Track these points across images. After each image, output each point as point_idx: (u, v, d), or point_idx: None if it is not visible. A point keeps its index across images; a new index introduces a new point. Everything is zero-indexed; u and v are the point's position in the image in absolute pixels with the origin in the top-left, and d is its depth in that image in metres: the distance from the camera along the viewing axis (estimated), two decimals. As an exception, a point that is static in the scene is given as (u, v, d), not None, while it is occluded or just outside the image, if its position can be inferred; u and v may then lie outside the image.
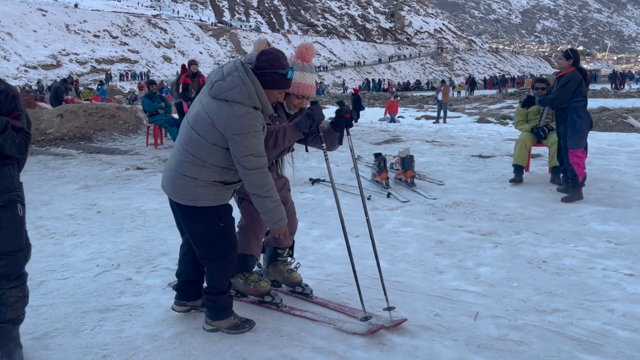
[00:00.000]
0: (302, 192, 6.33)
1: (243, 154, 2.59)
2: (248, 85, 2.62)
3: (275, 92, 2.76)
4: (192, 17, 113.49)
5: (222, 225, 2.77)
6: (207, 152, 2.66)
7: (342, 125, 3.03)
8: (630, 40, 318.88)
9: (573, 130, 5.63)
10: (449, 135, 11.95)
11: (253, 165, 2.61)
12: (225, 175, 2.74)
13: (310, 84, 3.01)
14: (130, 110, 12.98)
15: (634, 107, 18.97)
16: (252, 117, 2.61)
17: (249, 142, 2.58)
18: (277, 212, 2.73)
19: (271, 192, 2.69)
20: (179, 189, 2.75)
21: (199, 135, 2.67)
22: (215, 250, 2.80)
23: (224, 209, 2.80)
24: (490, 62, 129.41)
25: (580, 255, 4.01)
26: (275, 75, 2.69)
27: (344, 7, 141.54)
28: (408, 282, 3.64)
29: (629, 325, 2.92)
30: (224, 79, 2.66)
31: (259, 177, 2.64)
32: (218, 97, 2.64)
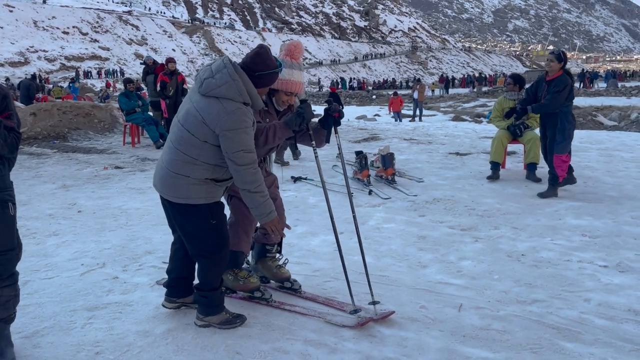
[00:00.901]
0: (285, 190, 6.36)
1: (234, 150, 2.63)
2: (237, 82, 2.66)
3: (266, 89, 2.85)
4: (165, 14, 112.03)
5: (214, 223, 2.81)
6: (198, 150, 2.70)
7: (330, 124, 3.10)
8: (599, 40, 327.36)
9: (563, 136, 5.65)
10: (426, 133, 12.13)
11: (244, 161, 2.65)
12: (216, 172, 2.78)
13: (298, 81, 3.06)
14: (105, 109, 12.80)
15: (602, 105, 19.55)
16: (243, 113, 2.65)
17: (240, 137, 2.62)
18: (266, 206, 2.78)
19: (261, 187, 2.73)
20: (171, 187, 2.78)
21: (189, 133, 2.70)
22: (208, 247, 2.84)
23: (216, 206, 2.84)
24: (464, 60, 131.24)
25: (557, 249, 4.16)
26: (272, 75, 2.77)
27: (319, 5, 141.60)
28: (393, 276, 3.73)
29: (604, 314, 3.07)
30: (213, 76, 2.69)
31: (250, 172, 2.68)
32: (208, 95, 2.67)
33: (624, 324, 2.94)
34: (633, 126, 14.71)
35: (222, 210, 2.89)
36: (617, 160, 7.91)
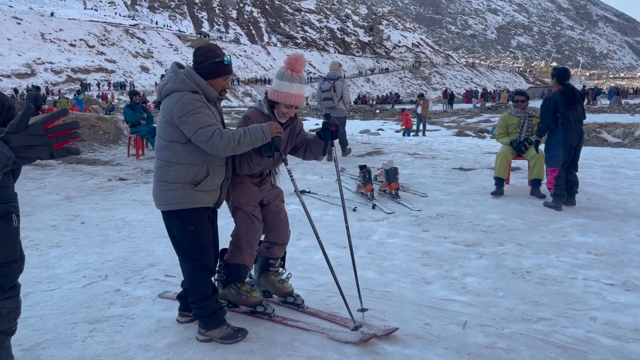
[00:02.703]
0: (288, 204, 6.33)
1: (194, 131, 2.74)
2: (180, 74, 2.83)
3: (219, 80, 2.89)
4: (171, 28, 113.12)
5: (191, 229, 2.85)
6: (168, 152, 2.83)
7: (328, 137, 3.15)
8: (602, 57, 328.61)
9: (548, 150, 6.09)
10: (429, 148, 12.13)
11: (207, 135, 2.73)
12: (191, 172, 2.82)
13: (297, 94, 3.07)
14: (110, 121, 12.87)
15: (606, 122, 19.56)
16: (190, 97, 2.77)
17: (194, 119, 2.73)
18: (254, 133, 2.84)
19: (237, 136, 2.80)
20: (156, 195, 2.91)
21: (160, 138, 2.88)
22: (187, 253, 2.90)
23: (194, 212, 2.86)
24: (467, 76, 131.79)
25: (562, 266, 4.13)
26: (212, 64, 2.86)
27: (324, 20, 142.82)
28: (397, 292, 3.69)
29: (611, 333, 3.03)
30: (163, 81, 2.92)
31: (217, 141, 2.75)
32: (163, 97, 2.87)
33: (631, 344, 2.90)
34: (637, 143, 14.69)
35: (202, 218, 2.89)
36: (621, 177, 7.89)
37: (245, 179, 3.14)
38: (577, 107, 6.04)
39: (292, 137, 3.27)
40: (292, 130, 3.25)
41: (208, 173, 2.85)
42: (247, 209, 3.10)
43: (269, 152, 2.93)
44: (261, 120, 3.07)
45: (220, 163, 2.92)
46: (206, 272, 2.92)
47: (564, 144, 5.91)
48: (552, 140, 6.01)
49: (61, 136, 1.55)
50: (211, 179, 2.87)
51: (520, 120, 6.72)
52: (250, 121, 3.06)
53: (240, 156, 3.01)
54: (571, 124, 5.96)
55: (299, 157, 3.37)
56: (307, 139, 3.29)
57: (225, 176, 2.99)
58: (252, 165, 3.03)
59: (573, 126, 5.98)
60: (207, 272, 2.92)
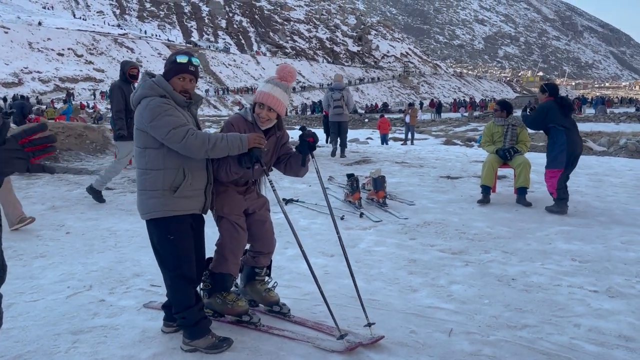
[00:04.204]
0: (276, 212, 6.34)
1: (165, 133, 2.74)
2: (147, 81, 2.88)
3: (175, 79, 2.89)
4: (160, 37, 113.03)
5: (171, 238, 2.84)
6: (143, 159, 2.84)
7: (306, 149, 3.14)
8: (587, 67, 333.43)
9: (548, 151, 6.22)
10: (417, 156, 12.19)
11: (179, 136, 2.74)
12: (167, 177, 2.82)
13: (277, 97, 3.07)
14: (97, 130, 12.78)
15: (592, 131, 19.82)
16: (158, 101, 2.80)
17: (164, 121, 2.75)
18: (232, 141, 2.83)
19: (213, 139, 2.80)
20: (138, 205, 2.92)
21: (136, 146, 2.89)
22: (166, 263, 2.89)
23: (174, 220, 2.85)
24: (455, 86, 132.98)
25: (547, 273, 4.16)
26: (169, 64, 2.91)
27: (313, 30, 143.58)
28: (384, 300, 3.70)
29: (595, 340, 3.05)
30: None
31: (191, 140, 2.75)
32: (135, 105, 2.89)
33: (615, 350, 2.92)
34: (622, 152, 14.89)
35: (183, 226, 2.88)
36: (606, 185, 7.99)
37: (229, 187, 3.14)
38: (571, 116, 6.23)
39: (277, 148, 3.27)
40: (277, 141, 3.26)
41: (185, 176, 2.84)
42: (231, 218, 3.09)
43: (249, 164, 2.91)
44: (244, 127, 3.08)
45: (198, 166, 2.91)
46: (187, 282, 2.90)
47: (568, 149, 6.04)
48: (555, 145, 6.11)
49: (38, 150, 1.55)
50: (189, 182, 2.85)
51: (503, 129, 6.80)
52: (232, 127, 3.07)
53: (218, 162, 3.01)
54: (573, 131, 6.13)
55: (279, 170, 3.36)
56: (290, 153, 3.29)
57: (208, 181, 2.98)
58: (229, 173, 3.02)
59: (575, 132, 6.17)
60: (187, 281, 2.90)
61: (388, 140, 21.33)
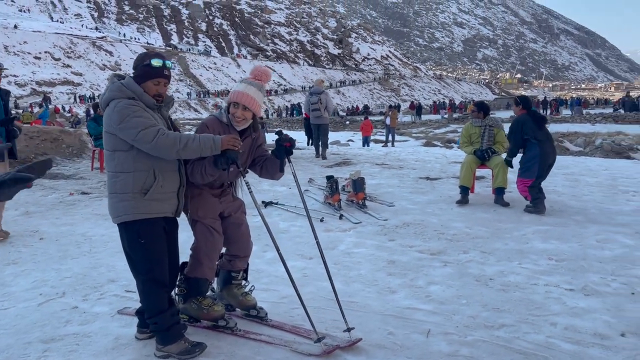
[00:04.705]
0: (255, 215, 6.29)
1: (135, 134, 2.70)
2: (115, 83, 2.83)
3: (149, 83, 2.84)
4: (139, 40, 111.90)
5: (142, 242, 2.79)
6: (113, 162, 2.80)
7: (283, 153, 3.11)
8: (564, 69, 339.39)
9: (524, 161, 6.34)
10: (397, 158, 12.24)
11: (149, 136, 2.69)
12: (138, 180, 2.77)
13: (250, 95, 3.03)
14: (74, 134, 12.56)
15: (568, 132, 20.15)
16: (126, 103, 2.75)
17: (133, 122, 2.70)
18: (204, 142, 2.78)
19: (184, 140, 2.75)
20: (109, 209, 2.88)
21: (105, 149, 2.85)
22: (137, 267, 2.84)
23: (146, 223, 2.80)
24: (435, 88, 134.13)
25: (524, 272, 4.19)
26: (142, 67, 2.84)
27: (293, 32, 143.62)
28: (362, 302, 3.68)
29: (571, 338, 3.07)
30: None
31: (162, 140, 2.70)
32: (103, 108, 2.84)
33: (590, 349, 2.95)
34: (597, 152, 15.15)
35: (155, 230, 2.83)
36: (582, 184, 8.11)
37: (204, 190, 3.09)
38: (545, 128, 6.32)
39: (253, 149, 3.23)
40: (253, 142, 3.22)
41: (156, 178, 2.78)
42: (206, 222, 3.04)
43: (225, 165, 2.86)
44: (218, 129, 3.04)
45: (170, 168, 2.86)
46: (159, 287, 2.84)
47: (541, 160, 6.15)
48: (528, 156, 6.25)
49: None
50: (160, 184, 2.80)
51: (481, 130, 6.86)
52: (206, 129, 3.03)
53: (192, 164, 2.96)
54: (546, 143, 6.25)
55: (255, 172, 3.33)
56: (266, 155, 3.25)
57: (180, 183, 2.92)
58: (205, 176, 2.97)
59: (549, 144, 6.28)
60: (159, 286, 2.84)
61: (369, 142, 21.39)
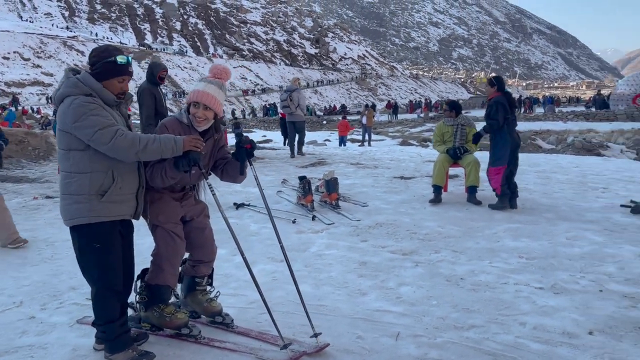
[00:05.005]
0: (226, 218, 6.18)
1: (91, 134, 2.57)
2: (71, 78, 2.67)
3: (114, 81, 2.71)
4: (112, 40, 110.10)
5: (97, 247, 2.66)
6: (68, 162, 2.65)
7: (244, 156, 3.02)
8: (537, 68, 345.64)
9: (495, 149, 6.27)
10: (372, 157, 12.23)
11: (107, 136, 2.57)
12: (95, 181, 2.64)
13: (209, 93, 2.92)
14: (40, 136, 12.22)
15: (541, 130, 20.45)
16: (83, 100, 2.61)
17: (89, 121, 2.57)
18: (165, 143, 2.68)
19: (144, 141, 2.63)
20: (61, 210, 2.72)
21: (59, 148, 2.70)
22: (91, 274, 2.72)
23: (102, 227, 2.67)
24: (412, 87, 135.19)
25: (495, 271, 4.17)
26: (104, 65, 2.68)
27: (270, 32, 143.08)
28: (332, 305, 3.61)
29: (539, 338, 3.05)
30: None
31: (120, 142, 2.58)
32: (57, 104, 2.69)
33: (559, 348, 2.93)
34: (569, 149, 15.39)
35: (111, 234, 2.71)
36: (553, 182, 8.18)
37: (164, 194, 2.98)
38: (514, 112, 6.35)
39: (215, 151, 3.13)
40: (215, 144, 3.12)
41: (114, 179, 2.66)
42: (166, 227, 2.93)
43: (186, 167, 2.76)
44: (179, 130, 2.93)
45: (129, 169, 2.74)
46: (111, 294, 2.72)
47: (511, 145, 6.20)
48: (498, 141, 6.23)
49: None
50: (119, 186, 2.67)
51: (453, 129, 6.86)
52: (166, 130, 2.91)
53: (152, 167, 2.84)
54: (513, 128, 6.30)
55: (216, 175, 3.22)
56: (227, 158, 3.15)
57: (140, 184, 2.80)
58: (165, 179, 2.85)
59: (514, 129, 6.33)
60: (112, 294, 2.72)
61: (346, 142, 21.38)
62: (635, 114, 28.45)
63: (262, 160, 11.81)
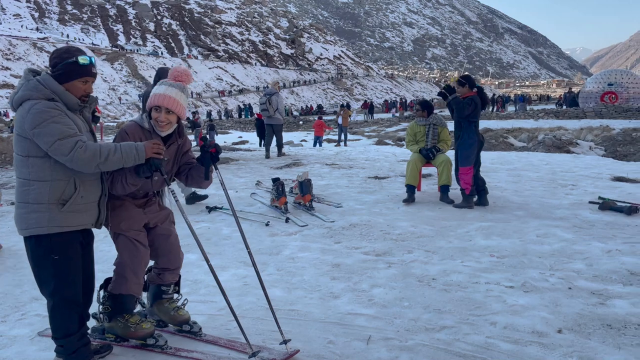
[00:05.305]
0: (198, 222, 6.09)
1: (50, 143, 2.45)
2: (31, 80, 2.56)
3: (77, 82, 2.59)
4: (83, 41, 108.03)
5: (56, 258, 2.55)
6: (26, 169, 2.54)
7: (208, 160, 2.95)
8: (509, 67, 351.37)
9: (462, 149, 6.26)
10: (348, 158, 12.22)
11: (66, 147, 2.46)
12: (56, 190, 2.53)
13: (170, 96, 2.84)
14: (7, 140, 11.87)
15: (513, 128, 20.74)
16: (43, 105, 2.49)
17: (50, 129, 2.45)
18: (127, 151, 2.60)
19: (105, 152, 2.54)
20: (16, 219, 2.60)
21: (16, 153, 2.58)
22: (48, 286, 2.60)
23: (62, 237, 2.56)
24: (387, 87, 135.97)
25: (466, 271, 4.18)
26: (66, 66, 2.57)
27: (245, 32, 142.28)
28: (303, 309, 3.56)
29: (509, 337, 3.05)
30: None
31: (80, 154, 2.48)
32: (15, 107, 2.56)
33: (528, 347, 2.93)
34: (540, 147, 15.64)
35: (71, 245, 2.60)
36: (524, 180, 8.28)
37: (126, 200, 2.89)
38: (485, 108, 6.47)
39: (178, 157, 3.05)
40: (179, 149, 3.04)
41: (76, 188, 2.55)
42: (129, 235, 2.84)
43: (148, 173, 2.68)
44: (140, 135, 2.84)
45: (92, 177, 2.64)
46: (70, 307, 2.62)
47: (478, 145, 6.29)
48: (465, 140, 6.26)
49: None
50: (80, 195, 2.57)
51: (425, 129, 6.88)
52: (127, 136, 2.82)
53: (112, 174, 2.75)
54: (478, 126, 6.37)
55: (181, 181, 3.15)
56: (192, 163, 3.07)
57: (102, 192, 2.71)
58: (126, 186, 2.77)
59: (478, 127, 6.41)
60: (70, 306, 2.62)
61: (322, 142, 21.35)
62: (604, 111, 29.13)
63: (236, 162, 11.69)
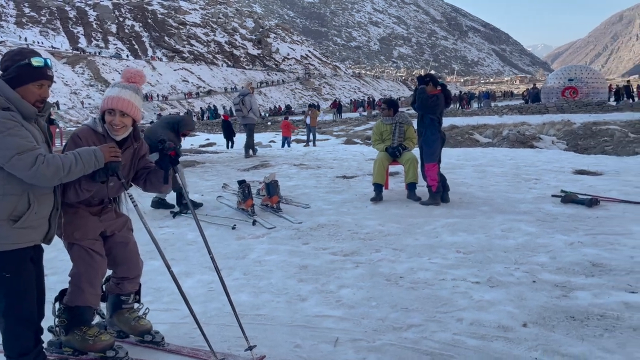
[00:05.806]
0: (162, 227, 5.95)
1: (7, 158, 2.29)
2: None
3: (31, 87, 2.42)
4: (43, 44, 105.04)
5: (7, 276, 2.40)
6: None
7: (167, 164, 2.87)
8: (473, 64, 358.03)
9: (426, 146, 6.34)
10: (316, 158, 12.19)
11: (27, 163, 2.31)
12: (7, 206, 2.37)
13: (124, 98, 2.74)
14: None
15: (478, 124, 21.10)
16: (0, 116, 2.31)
17: (6, 143, 2.29)
18: (87, 162, 2.49)
19: (67, 165, 2.41)
20: None
21: None
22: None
23: (13, 255, 2.41)
24: (355, 86, 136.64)
25: (433, 267, 4.19)
26: (18, 68, 2.40)
27: (210, 33, 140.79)
28: (270, 314, 3.50)
29: (475, 333, 3.06)
30: None
31: (43, 170, 2.34)
32: None
33: (494, 342, 2.95)
34: (504, 142, 15.94)
35: (23, 261, 2.46)
36: (489, 175, 8.41)
37: (80, 208, 2.77)
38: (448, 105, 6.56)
39: (135, 161, 2.95)
40: (134, 153, 2.93)
41: (30, 204, 2.41)
42: (84, 244, 2.73)
43: (104, 177, 2.58)
44: (93, 140, 2.73)
45: (46, 191, 2.50)
46: (23, 325, 2.49)
47: (441, 142, 6.38)
48: (429, 136, 6.33)
49: None
50: (34, 211, 2.42)
51: (391, 127, 6.90)
52: (80, 141, 2.70)
53: None
54: (441, 123, 6.44)
55: (139, 186, 3.04)
56: (149, 167, 2.97)
57: (54, 206, 2.56)
58: (80, 192, 2.65)
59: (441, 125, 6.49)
60: (24, 324, 2.49)
61: (290, 143, 21.27)
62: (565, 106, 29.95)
63: (203, 165, 11.52)
